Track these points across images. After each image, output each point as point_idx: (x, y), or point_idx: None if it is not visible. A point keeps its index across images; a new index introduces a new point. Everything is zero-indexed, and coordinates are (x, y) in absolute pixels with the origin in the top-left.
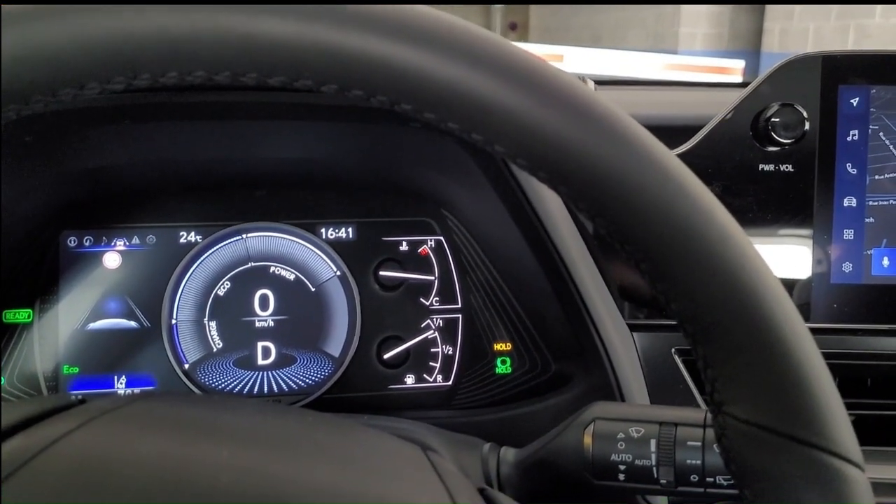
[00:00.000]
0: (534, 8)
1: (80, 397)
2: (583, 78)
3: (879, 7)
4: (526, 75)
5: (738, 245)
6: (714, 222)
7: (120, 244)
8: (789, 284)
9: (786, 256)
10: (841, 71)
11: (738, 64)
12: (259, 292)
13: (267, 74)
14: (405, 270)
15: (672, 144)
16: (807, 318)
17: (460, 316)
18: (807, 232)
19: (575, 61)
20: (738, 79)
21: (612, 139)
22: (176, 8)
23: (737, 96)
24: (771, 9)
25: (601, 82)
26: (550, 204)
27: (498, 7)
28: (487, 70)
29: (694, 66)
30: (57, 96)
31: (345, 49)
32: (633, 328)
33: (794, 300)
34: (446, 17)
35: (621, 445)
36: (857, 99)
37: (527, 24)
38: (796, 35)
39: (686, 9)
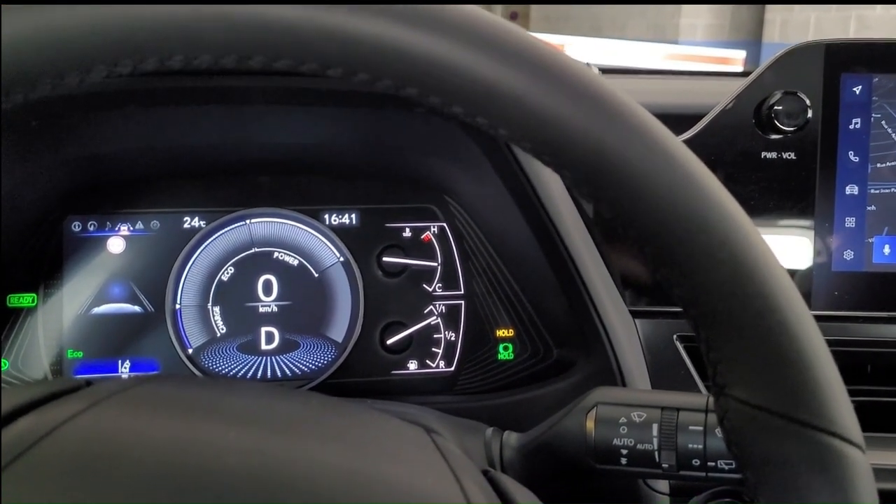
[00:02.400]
0: None
1: (86, 379)
2: (588, 65)
3: None
4: (531, 59)
5: (742, 229)
6: (717, 207)
7: (124, 229)
8: (791, 272)
9: (787, 244)
10: (844, 59)
11: (739, 54)
12: (262, 278)
13: (272, 58)
14: (408, 256)
15: (675, 132)
16: (808, 306)
17: (463, 302)
18: (808, 220)
19: (576, 51)
20: (740, 69)
21: (616, 123)
22: None
23: (739, 84)
24: None
25: (604, 70)
26: (553, 190)
27: None
28: (492, 54)
29: (695, 56)
30: (64, 80)
31: (350, 32)
32: (635, 314)
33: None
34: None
35: (623, 430)
36: (859, 87)
37: (527, 14)
38: (797, 25)
39: None
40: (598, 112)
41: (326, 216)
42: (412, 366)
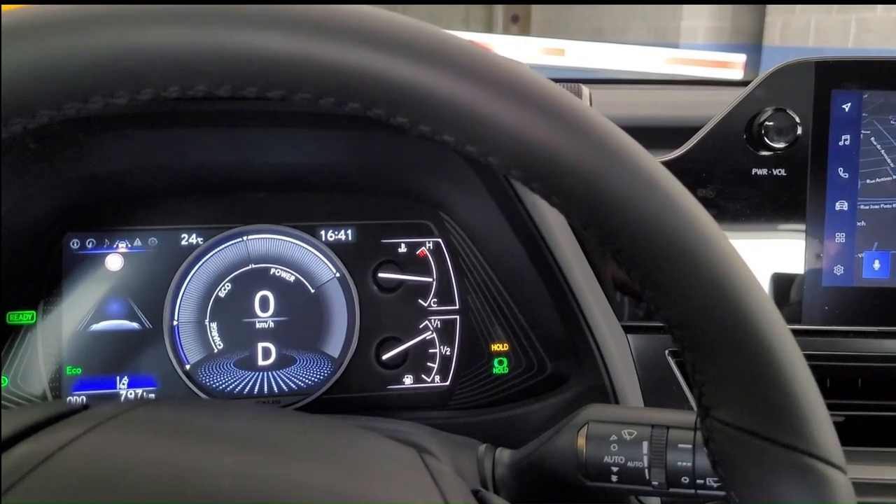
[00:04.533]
0: None
1: (83, 402)
2: (577, 88)
3: None
4: (518, 89)
5: (724, 254)
6: (700, 232)
7: (122, 246)
8: (782, 286)
9: (778, 259)
10: (834, 76)
11: (740, 58)
12: (259, 294)
13: (266, 88)
14: (403, 272)
15: (668, 146)
16: (799, 320)
17: (458, 317)
18: (799, 235)
19: (576, 55)
20: (740, 73)
21: (601, 151)
22: (178, 24)
23: (732, 99)
24: None
25: (600, 81)
26: (544, 208)
27: None
28: (480, 84)
29: (695, 60)
30: (62, 110)
31: (342, 64)
32: (627, 329)
33: (786, 302)
34: (439, 31)
35: (614, 447)
36: (849, 104)
37: (528, 17)
38: (797, 29)
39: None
40: (583, 140)
41: (322, 232)
42: (408, 381)
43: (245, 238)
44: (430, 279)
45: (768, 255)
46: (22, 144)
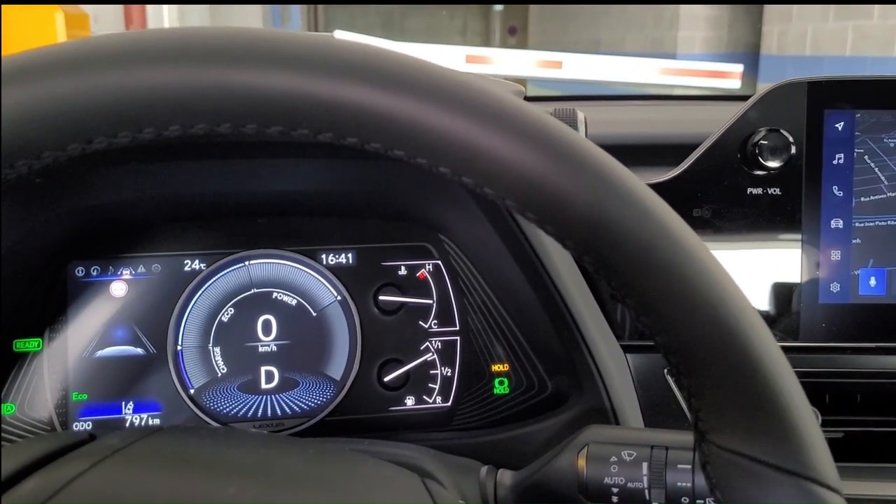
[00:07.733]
0: (533, 11)
1: (89, 432)
2: (573, 112)
3: (877, 8)
4: (512, 121)
5: (718, 281)
6: (694, 259)
7: (126, 273)
8: (779, 304)
9: (775, 277)
10: (826, 96)
11: (737, 68)
12: (262, 318)
13: (266, 125)
14: (404, 294)
15: (664, 163)
16: (796, 337)
17: (458, 338)
18: (795, 253)
19: (573, 68)
20: (738, 83)
21: (595, 182)
22: (177, 64)
23: (727, 116)
24: (769, 11)
25: (597, 98)
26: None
27: (497, 11)
28: (476, 118)
29: (693, 70)
30: (66, 151)
31: (339, 99)
32: (626, 349)
33: (784, 319)
34: (435, 66)
35: (614, 468)
36: (842, 123)
37: (526, 28)
38: (794, 37)
39: (685, 12)
40: (577, 170)
41: (324, 256)
42: (409, 402)
43: (247, 263)
44: (431, 301)
45: (765, 273)
46: (28, 179)
